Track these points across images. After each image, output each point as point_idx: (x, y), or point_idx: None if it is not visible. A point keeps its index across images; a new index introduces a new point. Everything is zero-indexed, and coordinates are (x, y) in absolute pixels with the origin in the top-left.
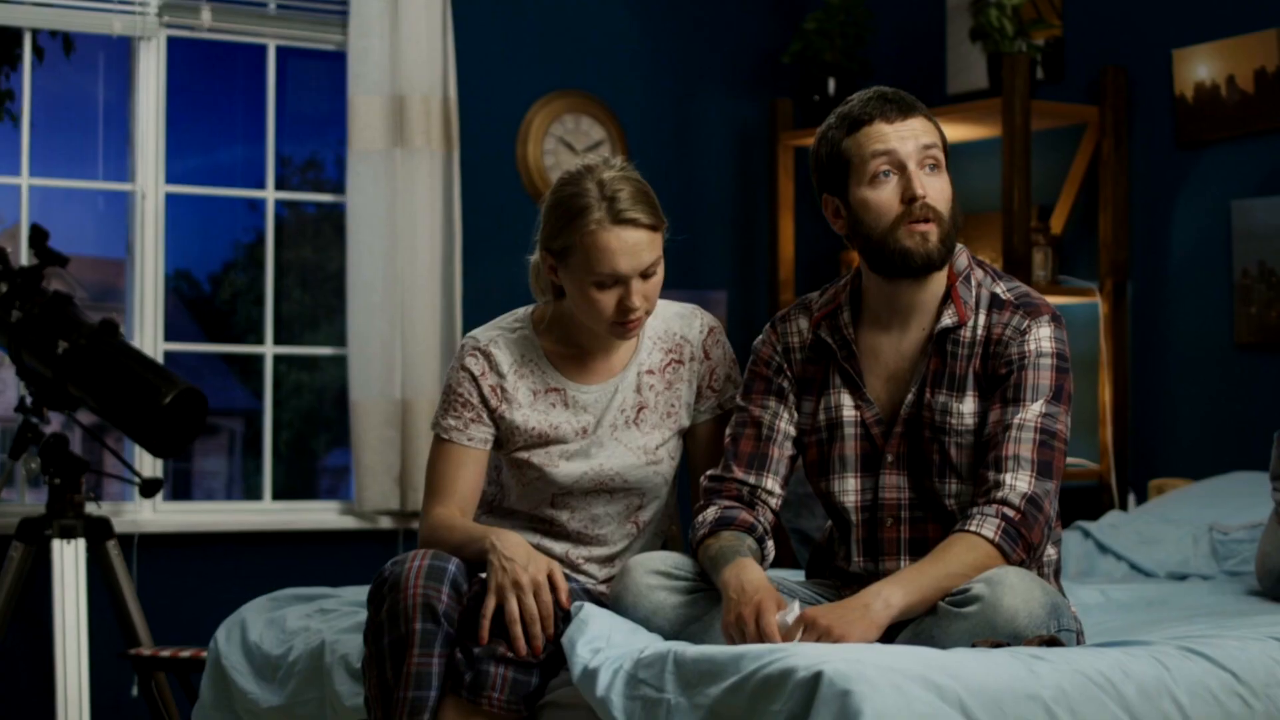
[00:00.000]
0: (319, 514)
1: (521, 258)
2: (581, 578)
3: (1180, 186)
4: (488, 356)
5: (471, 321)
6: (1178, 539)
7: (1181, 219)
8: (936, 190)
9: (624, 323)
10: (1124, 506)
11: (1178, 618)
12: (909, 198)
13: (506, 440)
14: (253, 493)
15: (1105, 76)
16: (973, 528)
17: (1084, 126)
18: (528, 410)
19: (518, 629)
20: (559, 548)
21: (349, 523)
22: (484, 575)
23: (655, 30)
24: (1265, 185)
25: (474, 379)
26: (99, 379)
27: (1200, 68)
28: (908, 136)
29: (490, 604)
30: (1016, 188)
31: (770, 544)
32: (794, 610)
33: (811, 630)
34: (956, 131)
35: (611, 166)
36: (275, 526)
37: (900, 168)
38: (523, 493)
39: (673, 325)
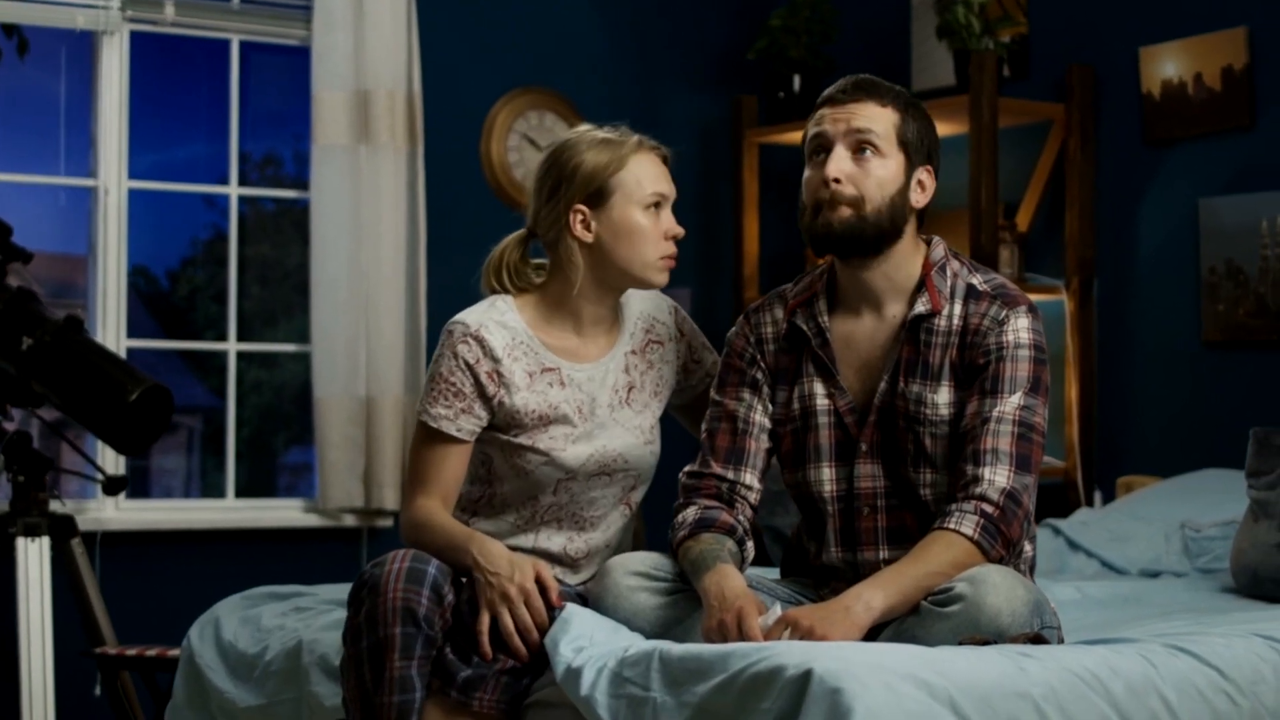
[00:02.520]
0: (282, 512)
1: (486, 253)
2: (576, 578)
3: (1147, 184)
4: (480, 342)
5: (436, 318)
6: (1149, 536)
7: (1148, 217)
8: (857, 173)
9: (667, 256)
10: (1090, 504)
11: (1155, 615)
12: (822, 179)
13: (508, 426)
14: (211, 490)
15: (1071, 74)
16: (951, 525)
17: (1050, 124)
18: (526, 393)
19: (516, 640)
20: (556, 542)
21: (312, 520)
22: (464, 580)
23: (619, 26)
24: (1233, 183)
25: (469, 367)
26: (64, 376)
27: (1167, 65)
28: (840, 119)
29: (485, 620)
30: (984, 185)
31: (750, 545)
32: (775, 613)
33: (794, 631)
34: None
35: (595, 126)
36: (238, 524)
37: (828, 150)
38: (520, 483)
39: (645, 307)
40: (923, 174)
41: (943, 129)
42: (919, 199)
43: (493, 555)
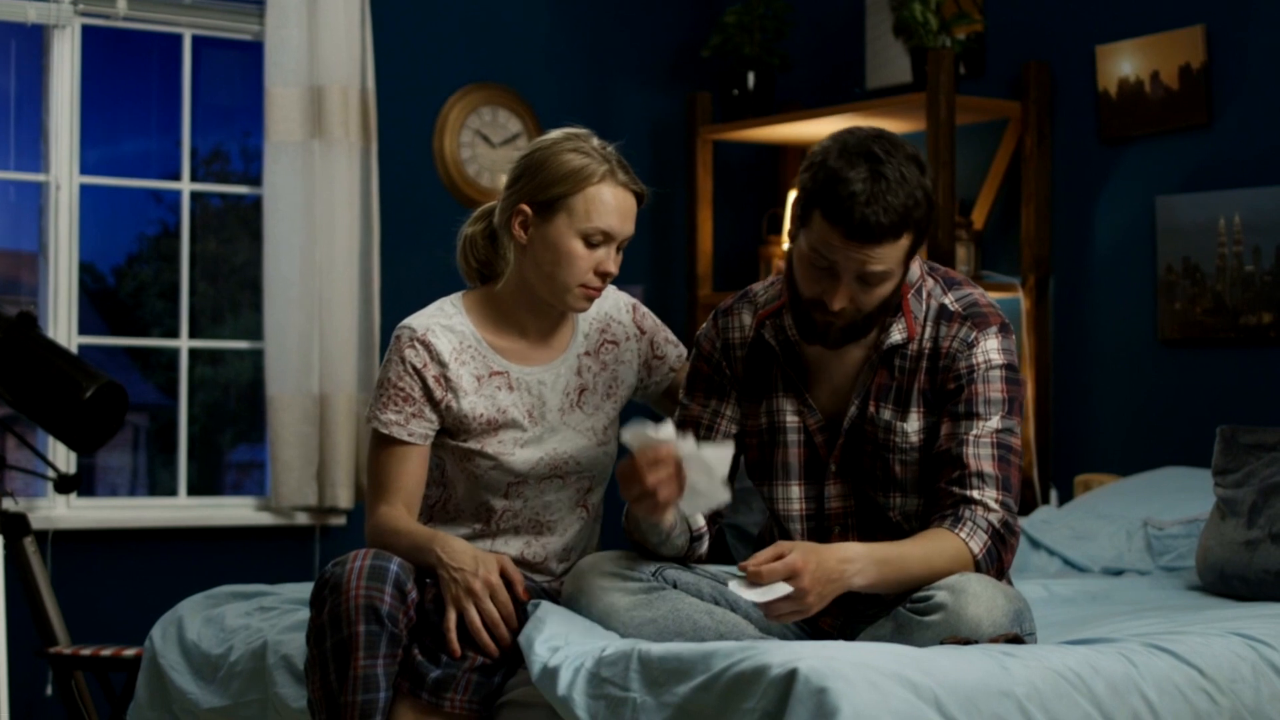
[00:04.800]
0: (234, 510)
1: (438, 250)
2: (539, 577)
3: (1104, 182)
4: (427, 346)
5: (390, 315)
6: (1111, 534)
7: (1105, 215)
8: (860, 296)
9: (591, 288)
10: (1046, 502)
11: (1124, 613)
12: (824, 301)
13: (457, 431)
14: (157, 489)
15: (1028, 72)
16: (963, 535)
17: (1006, 121)
18: (474, 397)
19: (484, 636)
20: (514, 546)
21: (265, 519)
22: (429, 581)
23: (573, 22)
24: (1189, 182)
25: (416, 372)
26: (18, 373)
27: (1124, 64)
28: (855, 260)
29: (451, 617)
30: (941, 183)
31: (701, 523)
32: (665, 428)
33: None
34: (878, 126)
35: (594, 136)
36: (190, 523)
37: (834, 275)
38: (473, 486)
39: (603, 307)
40: (920, 248)
41: (899, 126)
42: (912, 267)
43: (456, 552)
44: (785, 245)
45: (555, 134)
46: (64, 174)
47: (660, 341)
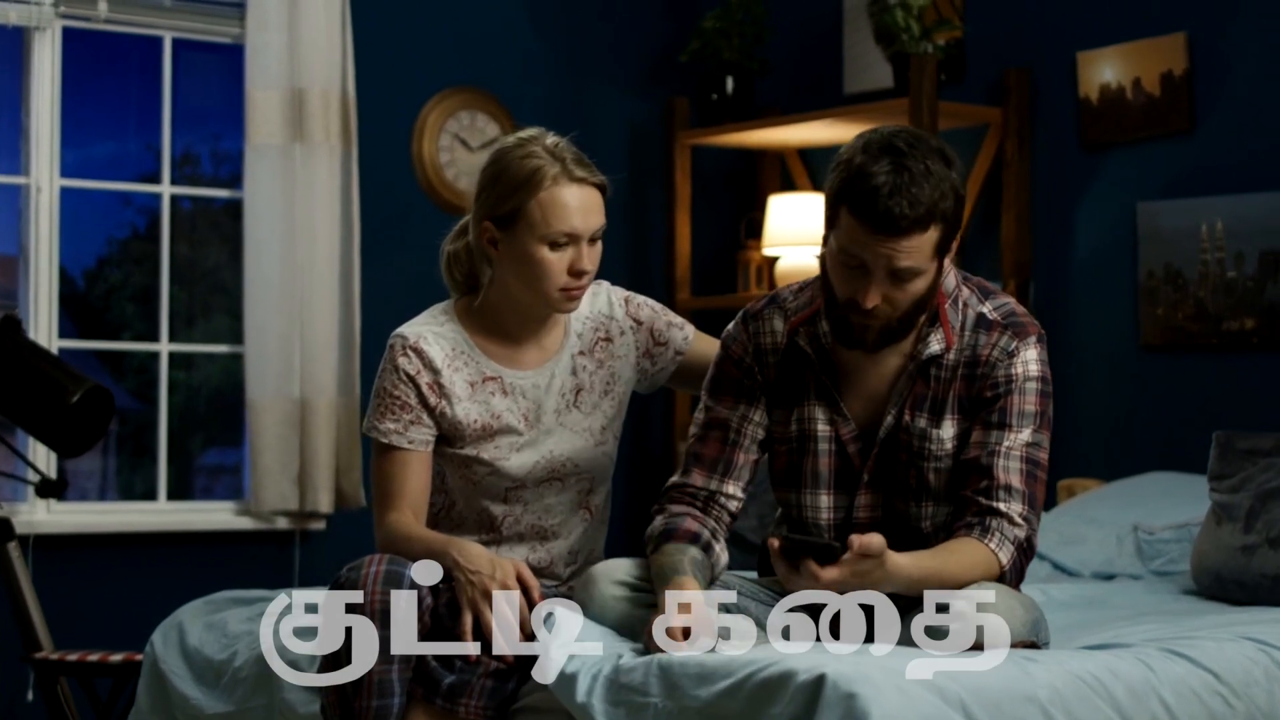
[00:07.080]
0: (214, 514)
1: (418, 254)
2: (546, 581)
3: (1085, 188)
4: (420, 353)
5: (370, 318)
6: (1101, 539)
7: (1086, 221)
8: (893, 293)
9: (571, 289)
10: None
11: (1124, 617)
12: (857, 302)
13: (452, 438)
14: (128, 493)
15: (1009, 78)
16: (992, 545)
17: (986, 127)
18: (467, 403)
19: (499, 640)
20: (519, 552)
21: (245, 523)
22: (442, 586)
23: (551, 27)
24: (1171, 188)
25: (410, 379)
26: (3, 377)
27: (1105, 70)
28: (884, 254)
29: (467, 620)
30: None
31: (719, 547)
32: (741, 637)
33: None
34: (856, 131)
35: (547, 134)
36: (170, 527)
37: (866, 271)
38: (472, 493)
39: (597, 305)
40: (953, 244)
41: None
42: (947, 264)
43: (472, 555)
44: (819, 250)
45: (509, 141)
46: (44, 177)
47: (661, 328)
